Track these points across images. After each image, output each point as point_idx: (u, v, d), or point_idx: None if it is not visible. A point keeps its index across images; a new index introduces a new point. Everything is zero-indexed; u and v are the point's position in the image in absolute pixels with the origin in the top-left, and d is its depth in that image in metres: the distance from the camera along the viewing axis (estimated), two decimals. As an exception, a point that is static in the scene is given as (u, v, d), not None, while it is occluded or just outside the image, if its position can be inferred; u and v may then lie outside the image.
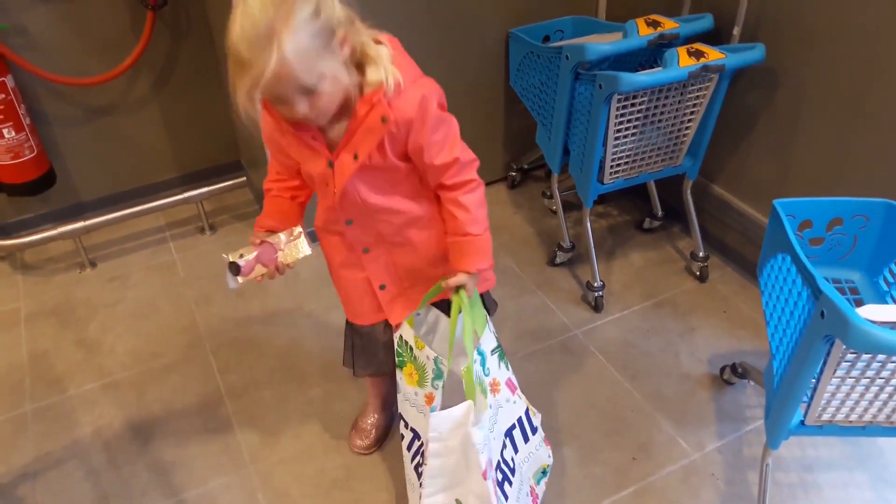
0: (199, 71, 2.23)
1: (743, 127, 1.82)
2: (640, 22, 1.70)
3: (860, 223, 1.28)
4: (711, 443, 1.53)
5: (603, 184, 1.81)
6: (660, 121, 1.73)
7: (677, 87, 1.66)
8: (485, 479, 1.11)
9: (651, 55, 1.83)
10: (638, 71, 1.77)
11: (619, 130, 1.70)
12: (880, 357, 1.03)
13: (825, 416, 1.15)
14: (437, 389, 1.23)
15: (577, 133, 1.80)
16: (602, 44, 1.65)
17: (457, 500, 1.17)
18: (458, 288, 1.16)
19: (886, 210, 1.26)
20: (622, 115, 1.67)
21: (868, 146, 1.53)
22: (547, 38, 2.04)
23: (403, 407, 1.32)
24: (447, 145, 1.07)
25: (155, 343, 1.86)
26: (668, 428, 1.57)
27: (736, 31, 1.71)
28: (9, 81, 1.91)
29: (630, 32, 1.69)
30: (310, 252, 1.16)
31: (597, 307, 1.88)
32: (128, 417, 1.66)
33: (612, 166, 1.78)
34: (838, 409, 1.13)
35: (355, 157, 1.04)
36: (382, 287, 1.23)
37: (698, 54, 1.61)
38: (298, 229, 1.16)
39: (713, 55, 1.60)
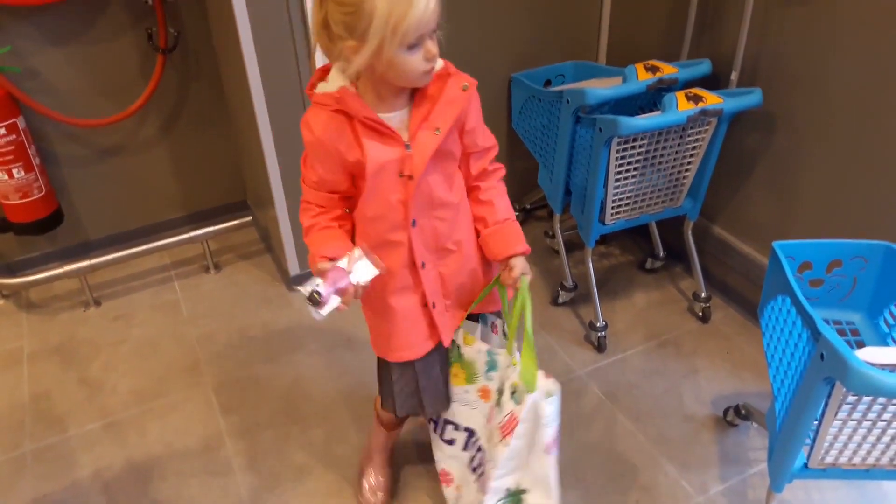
0: (206, 112, 2.29)
1: (742, 169, 1.86)
2: (640, 67, 1.75)
3: (859, 265, 1.31)
4: (715, 486, 1.52)
5: (604, 224, 1.84)
6: (660, 163, 1.76)
7: (676, 131, 1.70)
8: (548, 453, 1.14)
9: (651, 98, 1.88)
10: (638, 114, 1.82)
11: (619, 172, 1.73)
12: (881, 399, 1.04)
13: (828, 459, 1.16)
14: (491, 381, 1.25)
15: (578, 174, 1.84)
16: (602, 88, 1.69)
17: (518, 485, 1.19)
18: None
19: (885, 252, 1.29)
20: (622, 158, 1.70)
21: (866, 188, 1.56)
22: (548, 82, 2.09)
23: (450, 412, 1.33)
24: (486, 130, 1.19)
25: (157, 382, 1.87)
26: (672, 470, 1.56)
27: (734, 75, 1.75)
28: (20, 122, 1.96)
29: (629, 77, 1.74)
30: (379, 270, 1.12)
31: (600, 347, 1.89)
32: (128, 458, 1.66)
33: (613, 207, 1.81)
34: (841, 451, 1.14)
35: (437, 131, 1.08)
36: (434, 306, 1.23)
37: (697, 98, 1.65)
38: (358, 250, 1.13)
39: (711, 99, 1.65)
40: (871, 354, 0.97)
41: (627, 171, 1.74)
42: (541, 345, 1.92)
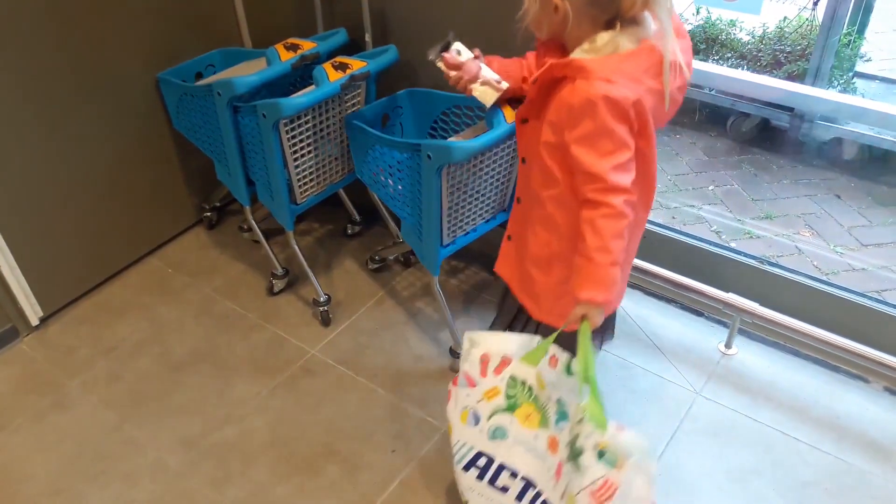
0: None
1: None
2: (280, 47, 1.84)
3: (399, 112, 1.87)
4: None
5: (297, 204, 1.94)
6: (329, 133, 1.89)
7: (335, 100, 1.84)
8: None
9: (301, 74, 1.98)
10: (292, 92, 1.91)
11: (295, 152, 1.83)
12: (468, 168, 1.62)
13: (457, 234, 1.75)
14: (560, 432, 1.20)
15: (255, 163, 1.89)
16: (249, 76, 1.76)
17: None
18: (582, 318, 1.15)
19: (409, 95, 1.87)
20: (293, 137, 1.80)
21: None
22: (200, 75, 2.09)
23: (511, 454, 1.28)
24: (589, 154, 1.14)
25: None
26: (416, 411, 1.76)
27: (368, 37, 1.94)
28: None
29: (272, 59, 1.82)
30: (488, 105, 1.40)
31: (325, 322, 2.01)
32: None
33: (300, 186, 1.91)
34: (458, 226, 1.74)
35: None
36: (509, 238, 1.40)
37: (343, 67, 1.80)
38: (506, 84, 1.38)
39: (356, 64, 1.81)
40: (456, 139, 1.60)
41: (302, 148, 1.84)
42: (269, 338, 1.99)
